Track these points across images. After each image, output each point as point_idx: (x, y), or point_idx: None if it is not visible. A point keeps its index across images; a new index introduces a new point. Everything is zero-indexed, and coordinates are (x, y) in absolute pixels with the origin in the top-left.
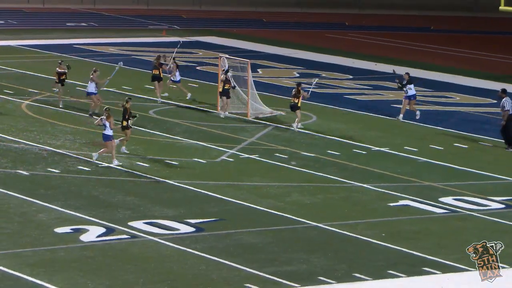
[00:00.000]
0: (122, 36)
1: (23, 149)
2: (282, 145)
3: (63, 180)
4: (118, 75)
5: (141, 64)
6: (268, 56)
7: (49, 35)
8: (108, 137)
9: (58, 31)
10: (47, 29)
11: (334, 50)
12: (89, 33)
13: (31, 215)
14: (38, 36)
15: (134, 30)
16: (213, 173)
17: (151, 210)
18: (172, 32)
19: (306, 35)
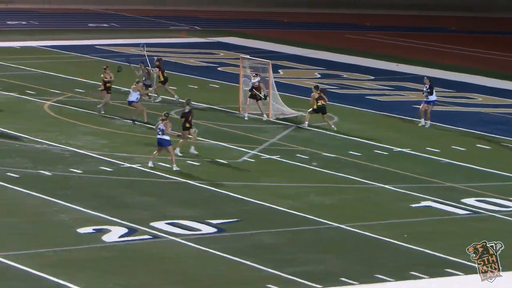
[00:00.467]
0: (143, 37)
1: (45, 149)
2: (303, 146)
3: (85, 181)
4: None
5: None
6: (289, 57)
7: (70, 35)
8: (166, 142)
9: (80, 31)
10: (69, 29)
11: (355, 51)
12: (110, 34)
13: (53, 215)
14: (60, 37)
15: (154, 31)
16: (234, 174)
17: (172, 210)
18: (193, 33)
19: (327, 36)
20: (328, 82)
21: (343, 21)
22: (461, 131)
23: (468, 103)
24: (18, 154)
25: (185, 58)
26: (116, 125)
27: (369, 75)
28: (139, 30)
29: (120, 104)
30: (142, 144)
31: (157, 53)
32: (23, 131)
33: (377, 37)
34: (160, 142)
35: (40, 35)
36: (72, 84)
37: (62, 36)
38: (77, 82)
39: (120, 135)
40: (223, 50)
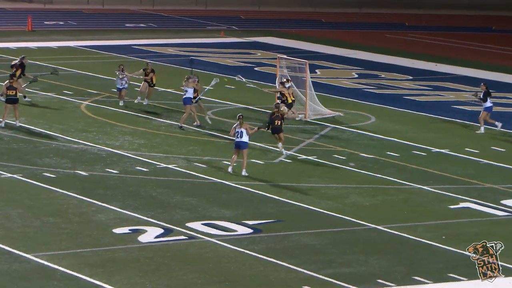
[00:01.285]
0: (181, 36)
1: (82, 149)
2: (340, 146)
3: (122, 181)
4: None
5: (199, 65)
6: (326, 57)
7: (108, 36)
8: (245, 144)
9: (117, 32)
10: (106, 30)
11: (394, 50)
12: (148, 34)
13: (90, 215)
14: (97, 37)
15: (192, 31)
16: (271, 174)
17: (208, 211)
18: (231, 33)
19: (365, 35)
20: (365, 82)
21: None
22: (501, 131)
23: (508, 103)
24: (56, 154)
25: (223, 58)
26: (153, 125)
27: (408, 75)
28: (176, 30)
29: (158, 104)
30: (179, 144)
31: (193, 53)
32: (61, 131)
33: (416, 36)
34: (239, 144)
35: (78, 35)
36: (109, 84)
37: (99, 36)
38: (114, 82)
39: (157, 135)
40: (261, 50)
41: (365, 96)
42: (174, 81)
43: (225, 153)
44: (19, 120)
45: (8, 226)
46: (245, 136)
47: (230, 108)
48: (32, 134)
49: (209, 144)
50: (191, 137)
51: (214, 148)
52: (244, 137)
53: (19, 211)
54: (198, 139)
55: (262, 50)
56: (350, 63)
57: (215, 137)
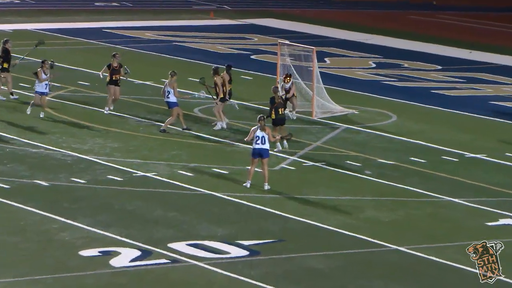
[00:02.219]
0: (161, 18)
1: (43, 154)
2: (354, 151)
3: (91, 192)
4: (156, 65)
5: (184, 53)
6: (338, 43)
7: (73, 17)
8: (267, 152)
9: (84, 12)
10: (71, 10)
11: (419, 35)
12: (122, 15)
13: (53, 234)
14: (60, 19)
15: (175, 11)
16: (271, 184)
17: (196, 228)
18: (222, 14)
19: (385, 17)
20: (385, 72)
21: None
22: None
23: None
24: (11, 161)
25: (212, 44)
26: (129, 126)
27: (436, 65)
28: (156, 11)
29: (134, 100)
30: (160, 148)
31: (177, 38)
32: (17, 132)
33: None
34: (260, 152)
35: (36, 16)
36: (75, 75)
37: (62, 18)
38: (82, 73)
39: (133, 137)
40: (258, 35)
41: (384, 90)
42: (154, 72)
43: (215, 158)
44: None
45: None
46: (267, 142)
47: None
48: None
49: (196, 148)
50: (174, 139)
51: (202, 153)
52: (266, 144)
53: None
54: (183, 141)
55: (260, 34)
56: (366, 50)
57: (203, 140)
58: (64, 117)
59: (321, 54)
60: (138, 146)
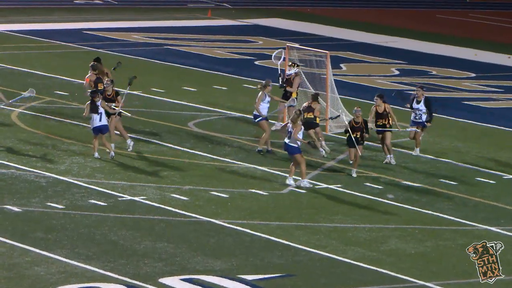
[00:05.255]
0: (151, 18)
1: (14, 175)
2: (375, 171)
3: (69, 219)
4: (146, 72)
5: (177, 57)
6: (355, 46)
7: (49, 16)
8: (293, 149)
9: (62, 10)
10: (47, 8)
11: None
12: (106, 14)
13: (24, 268)
14: (35, 19)
15: (167, 10)
16: (278, 210)
17: (191, 261)
18: (221, 13)
19: (409, 16)
20: (410, 80)
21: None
22: None
23: None
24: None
25: (210, 47)
26: (113, 142)
27: (469, 72)
28: (145, 9)
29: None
30: (149, 168)
31: (169, 41)
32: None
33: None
34: (286, 148)
35: (5, 15)
36: (52, 84)
37: (37, 18)
38: (59, 81)
39: (118, 156)
40: (263, 37)
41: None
42: (142, 80)
43: (213, 179)
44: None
45: None
46: (293, 138)
47: (219, 118)
48: None
49: (191, 168)
50: (165, 157)
51: (198, 173)
52: (292, 139)
53: None
54: (174, 160)
55: (265, 36)
56: (388, 55)
57: (199, 158)
58: (38, 132)
59: (336, 60)
60: (124, 166)
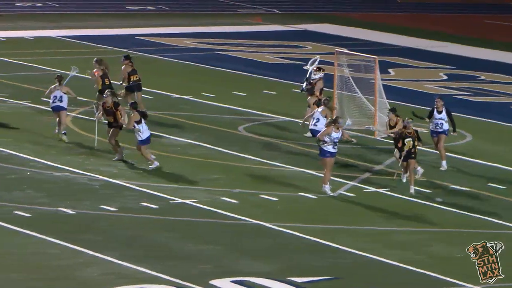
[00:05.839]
0: (202, 23)
1: (67, 178)
2: (422, 175)
3: (120, 222)
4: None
5: (227, 62)
6: (403, 51)
7: (101, 22)
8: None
9: (115, 16)
10: (100, 14)
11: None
12: (157, 20)
13: (76, 269)
14: (87, 24)
15: (218, 15)
16: (326, 213)
17: (239, 264)
18: (271, 18)
19: (457, 21)
20: (458, 85)
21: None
22: None
23: None
24: (30, 186)
25: (260, 53)
26: (163, 146)
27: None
28: (196, 15)
29: (168, 116)
30: (199, 172)
31: (220, 46)
32: (36, 153)
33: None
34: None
35: (61, 21)
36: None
37: (90, 23)
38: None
39: (169, 159)
40: (312, 42)
41: (457, 106)
42: (192, 85)
43: (261, 182)
44: None
45: None
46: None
47: (268, 122)
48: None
49: (240, 171)
50: (214, 161)
51: (247, 177)
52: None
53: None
54: (224, 164)
55: (314, 42)
56: (436, 60)
57: (249, 162)
58: (91, 136)
59: (384, 64)
60: (174, 169)
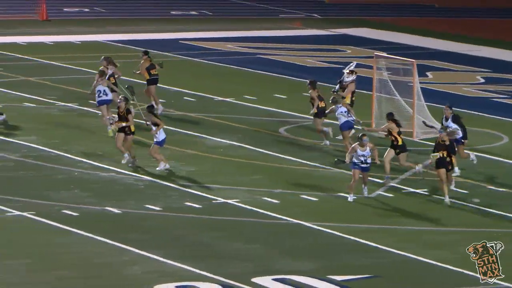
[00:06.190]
0: (244, 28)
1: (113, 179)
2: (460, 176)
3: (165, 221)
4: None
5: (268, 66)
6: (441, 55)
7: (147, 27)
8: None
9: (160, 21)
10: (144, 19)
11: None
12: (201, 24)
13: (122, 267)
14: (133, 29)
15: (259, 20)
16: (366, 213)
17: (281, 262)
18: (310, 23)
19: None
20: (495, 88)
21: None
22: None
23: None
24: (78, 185)
25: (300, 56)
26: (206, 147)
27: None
28: (238, 19)
29: (210, 118)
30: (241, 172)
31: (261, 50)
32: (83, 154)
33: None
34: (366, 169)
35: (107, 26)
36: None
37: (135, 28)
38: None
39: (211, 159)
40: (351, 46)
41: (494, 108)
42: (234, 87)
43: (302, 183)
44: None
45: (10, 281)
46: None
47: (309, 124)
48: (44, 158)
49: (281, 172)
50: (256, 162)
51: (288, 177)
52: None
53: (26, 262)
54: (265, 165)
55: (353, 46)
56: (473, 63)
57: (289, 163)
58: (136, 137)
59: (422, 68)
60: (217, 170)
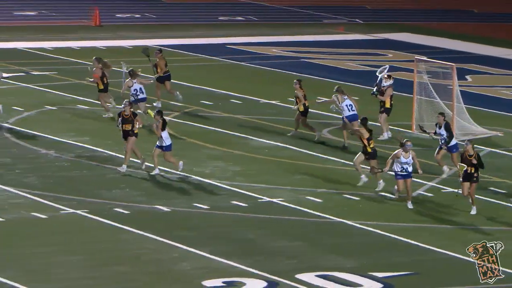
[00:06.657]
0: (288, 33)
1: (162, 178)
2: (498, 176)
3: (212, 219)
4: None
5: (312, 69)
6: (480, 59)
7: (194, 32)
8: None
9: (207, 26)
10: (192, 24)
11: None
12: (247, 30)
13: (172, 263)
14: (181, 34)
15: (303, 25)
16: (405, 212)
17: (324, 259)
18: (353, 28)
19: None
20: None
21: None
22: None
23: None
24: (129, 185)
25: (342, 60)
26: (251, 148)
27: None
28: (283, 25)
29: (257, 119)
30: (286, 172)
31: (305, 54)
32: (134, 154)
33: None
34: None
35: (157, 31)
36: (197, 94)
37: (184, 33)
38: (204, 92)
39: (256, 160)
40: (392, 50)
41: None
42: (278, 90)
43: (344, 183)
44: None
45: (63, 277)
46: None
47: None
48: (97, 158)
49: (324, 172)
50: (300, 162)
51: (331, 177)
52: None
53: (78, 258)
54: (309, 165)
55: (394, 50)
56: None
57: (332, 163)
58: (184, 138)
59: (461, 71)
60: (262, 170)
